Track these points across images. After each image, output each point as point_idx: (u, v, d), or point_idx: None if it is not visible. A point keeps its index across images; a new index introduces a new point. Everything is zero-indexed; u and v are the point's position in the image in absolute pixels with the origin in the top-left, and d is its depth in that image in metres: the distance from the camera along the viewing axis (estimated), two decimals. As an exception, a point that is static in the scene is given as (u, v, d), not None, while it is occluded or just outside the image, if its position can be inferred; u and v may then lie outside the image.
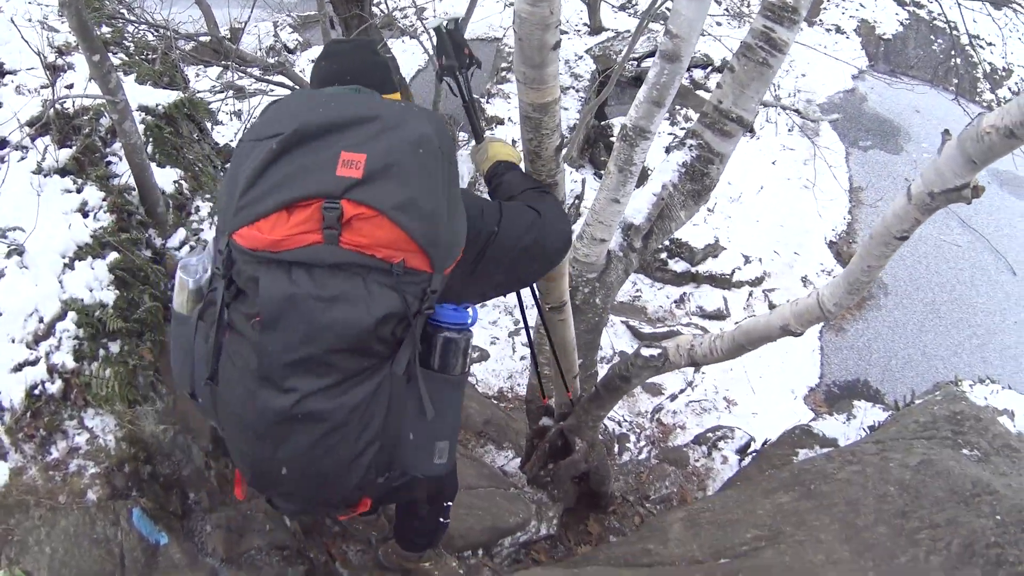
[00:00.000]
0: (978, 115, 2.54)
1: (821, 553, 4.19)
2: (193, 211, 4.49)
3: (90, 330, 3.42)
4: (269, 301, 2.20)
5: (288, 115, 2.31)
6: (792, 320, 3.78)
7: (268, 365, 2.24)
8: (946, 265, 14.47)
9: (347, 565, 4.85)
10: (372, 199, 2.17)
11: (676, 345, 4.40)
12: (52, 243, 3.54)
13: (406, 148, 2.24)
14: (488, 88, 17.14)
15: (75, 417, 3.27)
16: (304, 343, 2.22)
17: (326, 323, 2.21)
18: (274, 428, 2.29)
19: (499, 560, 5.58)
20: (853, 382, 12.32)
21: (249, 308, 2.28)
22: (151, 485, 3.45)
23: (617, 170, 4.15)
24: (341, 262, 2.20)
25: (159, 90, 4.89)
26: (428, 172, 2.27)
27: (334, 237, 2.18)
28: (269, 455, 2.35)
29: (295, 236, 2.19)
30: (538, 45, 2.50)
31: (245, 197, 2.22)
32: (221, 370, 2.39)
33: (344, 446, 2.33)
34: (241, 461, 2.54)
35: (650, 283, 13.56)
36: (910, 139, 17.52)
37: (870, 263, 3.26)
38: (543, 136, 2.93)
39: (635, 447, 9.55)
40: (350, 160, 2.18)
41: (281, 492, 2.55)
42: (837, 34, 21.26)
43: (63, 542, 3.02)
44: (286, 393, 2.24)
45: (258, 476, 2.47)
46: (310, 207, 2.18)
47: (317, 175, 2.18)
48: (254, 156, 2.25)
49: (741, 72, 4.07)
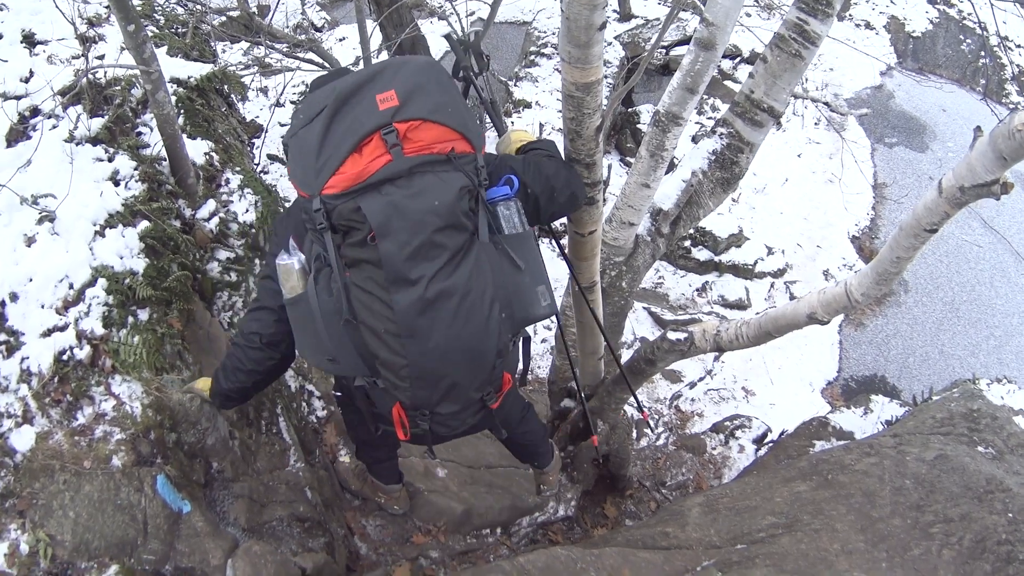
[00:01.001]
0: (1011, 112, 2.54)
1: (837, 542, 4.20)
2: (223, 183, 4.50)
3: (120, 297, 3.43)
4: (376, 214, 2.65)
5: (321, 96, 2.77)
6: (819, 308, 3.78)
7: (393, 267, 2.69)
8: (967, 265, 14.39)
9: (365, 539, 4.89)
10: (414, 113, 2.71)
11: (702, 330, 4.41)
12: (84, 211, 3.56)
13: (421, 72, 2.80)
14: (516, 71, 17.13)
15: (102, 383, 3.28)
16: (414, 234, 2.68)
17: (424, 210, 2.69)
18: (418, 320, 2.75)
19: (516, 539, 5.61)
20: (871, 377, 12.29)
21: (359, 236, 2.71)
22: (175, 453, 3.46)
23: (648, 155, 4.15)
24: (412, 166, 2.71)
25: (191, 63, 4.90)
26: (442, 83, 2.85)
27: (399, 151, 2.70)
28: (423, 349, 2.80)
29: (371, 163, 2.68)
30: (585, 25, 2.52)
31: (320, 158, 2.67)
32: (355, 305, 2.80)
33: (476, 311, 2.83)
34: (402, 382, 2.90)
35: (673, 270, 13.55)
36: (936, 138, 17.42)
37: (899, 254, 3.26)
38: (584, 115, 2.95)
39: (653, 433, 9.55)
40: (384, 98, 2.70)
41: (443, 394, 2.98)
42: (867, 30, 21.10)
43: (87, 507, 3.04)
44: (415, 284, 2.71)
45: (420, 383, 2.90)
46: (372, 140, 2.68)
47: (366, 117, 2.68)
48: (312, 131, 2.71)
49: (774, 63, 4.07)
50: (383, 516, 5.07)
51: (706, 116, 15.94)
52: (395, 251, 2.67)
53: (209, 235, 4.21)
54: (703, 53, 3.65)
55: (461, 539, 5.33)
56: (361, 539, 4.91)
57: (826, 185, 15.24)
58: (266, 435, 4.31)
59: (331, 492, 4.80)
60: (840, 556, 4.11)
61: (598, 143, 3.11)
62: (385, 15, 9.48)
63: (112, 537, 3.07)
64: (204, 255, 4.21)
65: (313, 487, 4.43)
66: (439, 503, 5.25)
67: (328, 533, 4.31)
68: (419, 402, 2.99)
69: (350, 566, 4.59)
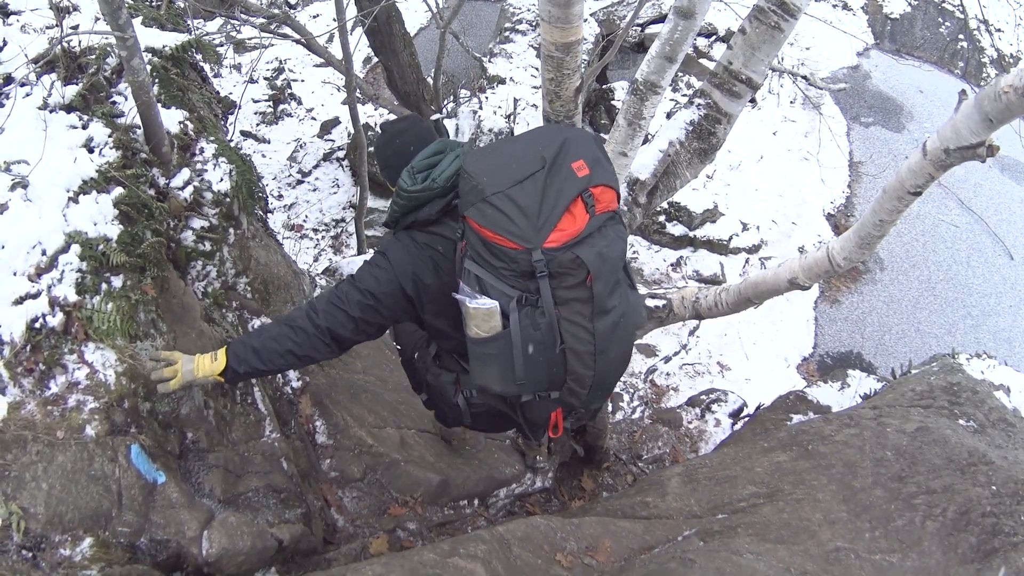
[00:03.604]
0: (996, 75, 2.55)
1: (819, 512, 4.23)
2: (197, 152, 4.46)
3: (93, 263, 3.39)
4: (592, 262, 3.19)
5: (516, 163, 3.26)
6: (801, 273, 3.80)
7: (601, 301, 3.27)
8: (943, 245, 14.51)
9: (342, 511, 4.88)
10: (600, 180, 3.29)
11: (681, 297, 4.41)
12: (57, 177, 3.51)
13: (596, 145, 3.41)
14: (491, 48, 17.12)
15: (75, 351, 3.24)
16: (612, 274, 3.30)
17: (616, 256, 3.33)
18: (611, 338, 3.36)
19: (494, 511, 5.62)
20: (846, 354, 12.38)
21: (572, 280, 3.24)
22: (150, 423, 3.43)
23: (626, 123, 4.15)
24: (603, 222, 3.30)
25: (165, 33, 4.86)
26: (606, 155, 3.46)
27: (594, 211, 3.25)
28: (606, 361, 3.42)
29: (581, 221, 3.22)
30: (566, -17, 2.50)
31: (540, 218, 3.17)
32: (565, 335, 3.33)
33: (630, 326, 3.52)
34: (584, 390, 3.48)
35: (647, 245, 13.60)
36: (912, 118, 17.54)
37: (882, 217, 3.27)
38: (564, 76, 2.97)
39: (628, 407, 9.58)
40: (578, 166, 3.25)
41: (603, 392, 3.67)
42: (844, 11, 21.20)
43: (60, 478, 3.00)
44: (610, 312, 3.33)
45: (596, 389, 3.51)
46: (577, 202, 3.23)
47: (570, 184, 3.23)
48: (528, 191, 3.19)
49: (753, 34, 4.07)
50: (359, 488, 5.06)
51: (681, 94, 16.00)
52: (602, 289, 3.25)
53: (183, 203, 4.18)
54: (682, 22, 3.65)
55: (438, 510, 5.33)
56: (338, 511, 4.90)
57: (801, 163, 15.36)
58: (241, 405, 4.29)
59: (307, 463, 4.78)
60: (823, 526, 4.13)
61: (577, 104, 3.13)
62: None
63: (86, 509, 3.03)
64: (178, 224, 4.17)
65: (289, 458, 4.41)
66: (415, 474, 5.24)
67: (305, 504, 4.30)
68: (585, 403, 3.61)
69: (327, 538, 4.58)
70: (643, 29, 16.96)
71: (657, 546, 4.23)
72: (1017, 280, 14.11)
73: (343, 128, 14.90)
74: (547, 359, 3.37)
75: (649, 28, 17.28)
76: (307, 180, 14.12)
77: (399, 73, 11.67)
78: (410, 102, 12.03)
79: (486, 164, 3.31)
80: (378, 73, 15.33)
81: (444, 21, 10.66)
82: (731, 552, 3.82)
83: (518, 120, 14.34)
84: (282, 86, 16.20)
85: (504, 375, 3.42)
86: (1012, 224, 15.26)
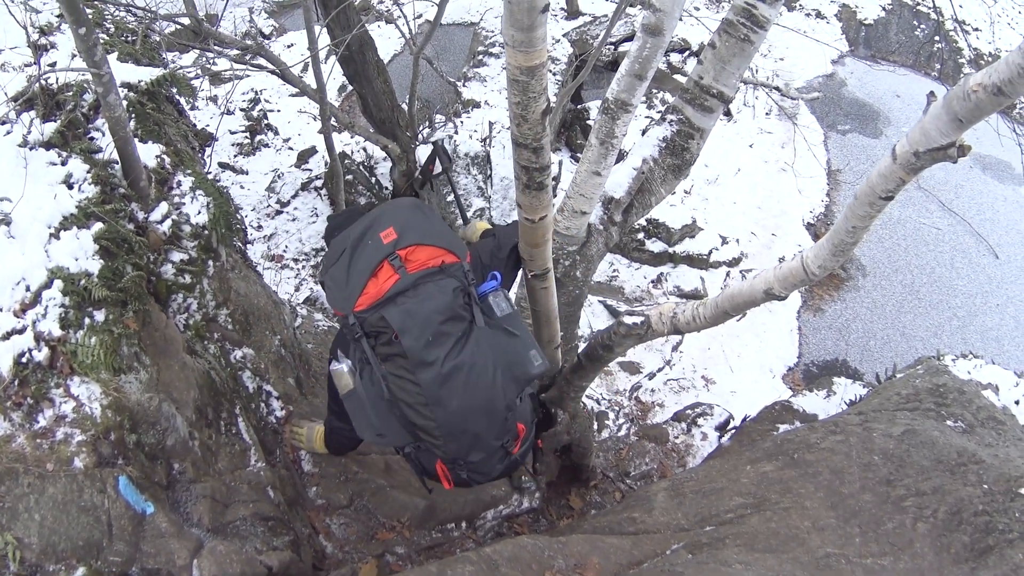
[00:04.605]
0: (965, 75, 2.58)
1: (807, 519, 4.25)
2: (175, 185, 4.49)
3: (76, 298, 3.42)
4: (396, 319, 3.45)
5: (337, 245, 3.72)
6: (776, 284, 3.82)
7: (415, 355, 3.45)
8: (926, 248, 14.57)
9: (330, 538, 4.90)
10: (409, 242, 3.58)
11: (659, 313, 4.44)
12: (39, 213, 3.54)
13: (409, 210, 3.77)
14: (464, 72, 17.16)
15: (61, 385, 3.27)
16: (425, 328, 3.45)
17: (430, 310, 3.48)
18: (439, 391, 3.48)
19: (482, 533, 5.63)
20: (832, 362, 12.42)
21: (386, 338, 3.51)
22: (136, 454, 3.45)
23: (599, 143, 4.19)
24: (416, 279, 3.53)
25: (140, 68, 4.89)
26: (426, 215, 3.80)
27: (404, 270, 3.53)
28: (447, 412, 3.53)
29: (385, 283, 3.52)
30: (527, 7, 2.53)
31: (348, 287, 3.57)
32: (392, 387, 3.57)
33: (483, 377, 3.56)
34: (438, 440, 3.65)
35: (627, 263, 13.63)
36: (890, 123, 17.62)
37: (855, 223, 3.28)
38: (530, 99, 2.96)
39: (614, 424, 9.60)
40: (386, 234, 3.60)
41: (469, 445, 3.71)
42: (817, 19, 21.30)
43: (51, 509, 3.03)
44: (432, 364, 3.46)
45: (450, 439, 3.63)
46: (383, 266, 3.55)
47: (376, 251, 3.57)
48: (339, 268, 3.64)
49: (723, 48, 4.13)
50: (346, 514, 5.08)
51: (655, 111, 16.02)
52: (413, 343, 3.44)
53: (162, 237, 4.21)
54: (650, 39, 3.70)
55: (426, 534, 5.35)
56: (326, 538, 4.92)
57: (779, 174, 15.41)
58: (225, 436, 4.31)
59: (293, 491, 4.80)
60: (812, 533, 4.16)
61: (544, 127, 3.14)
62: (331, 16, 9.47)
63: (78, 539, 3.06)
64: (158, 258, 4.20)
65: (275, 487, 4.43)
66: (401, 499, 5.27)
67: (292, 532, 4.32)
68: (453, 454, 3.73)
69: (316, 565, 4.60)
70: (616, 48, 17.04)
71: (645, 561, 4.25)
72: (1003, 279, 14.17)
73: (320, 157, 14.90)
74: (392, 411, 3.67)
75: (622, 46, 17.32)
76: (286, 210, 14.11)
77: (373, 100, 11.69)
78: (385, 129, 12.06)
79: (331, 248, 3.83)
80: (353, 101, 15.35)
81: (417, 47, 10.70)
82: (719, 563, 3.86)
83: (494, 143, 14.37)
84: (258, 117, 16.19)
85: (364, 425, 3.75)
86: (996, 223, 15.34)
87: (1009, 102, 2.48)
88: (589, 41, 17.02)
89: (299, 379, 5.67)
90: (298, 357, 5.83)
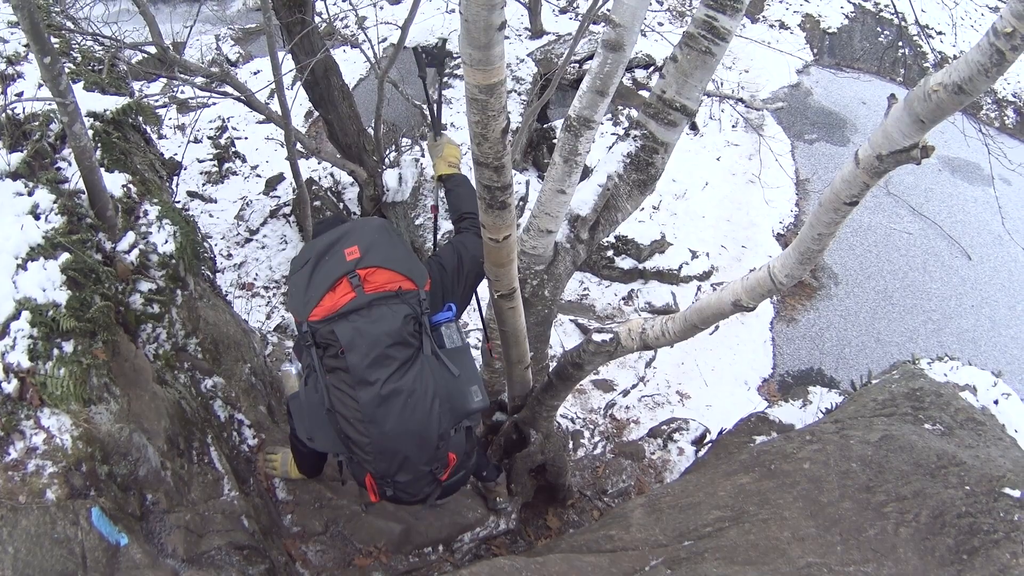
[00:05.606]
0: (925, 76, 2.60)
1: (787, 530, 4.24)
2: (142, 215, 4.49)
3: (44, 329, 3.40)
4: (345, 336, 3.57)
5: (306, 251, 3.84)
6: (744, 294, 3.82)
7: (357, 372, 3.57)
8: (897, 253, 14.64)
9: (307, 565, 4.87)
10: (371, 262, 3.67)
11: (628, 329, 4.44)
12: (6, 244, 3.53)
13: (377, 232, 3.83)
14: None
15: (31, 417, 3.25)
16: (371, 348, 3.57)
17: (379, 332, 3.58)
18: (376, 410, 3.60)
19: (460, 555, 5.62)
20: (807, 371, 12.45)
21: (334, 351, 3.62)
22: (108, 485, 3.43)
23: (562, 160, 4.20)
24: (371, 300, 3.63)
25: (106, 96, 4.88)
26: (392, 240, 3.86)
27: (361, 290, 3.63)
28: (380, 431, 3.65)
29: (341, 299, 3.63)
30: (484, 26, 2.54)
31: (307, 295, 3.66)
32: (333, 399, 3.68)
33: (420, 405, 3.67)
34: (368, 456, 3.78)
35: (597, 281, 13.64)
36: (857, 131, 17.75)
37: (820, 231, 3.27)
38: (489, 118, 2.96)
39: (589, 443, 9.59)
40: (350, 251, 3.68)
41: (398, 466, 3.80)
42: (781, 30, 21.42)
43: (25, 542, 3.00)
44: (373, 384, 3.57)
45: (380, 457, 3.75)
46: (342, 282, 3.65)
47: (338, 266, 3.67)
48: (302, 275, 3.73)
49: (684, 61, 4.14)
50: (322, 541, 5.06)
51: (622, 127, 16.04)
52: (357, 361, 3.56)
53: (130, 267, 4.20)
54: (611, 55, 3.72)
55: (403, 559, 5.34)
56: (303, 565, 4.90)
57: (747, 186, 15.46)
58: (198, 465, 4.29)
59: (268, 520, 4.78)
60: (792, 543, 4.15)
61: (505, 145, 3.14)
62: (295, 42, 9.47)
63: (52, 571, 3.03)
64: (126, 288, 4.19)
65: (249, 515, 4.41)
66: (377, 524, 5.26)
67: (268, 560, 4.29)
68: (381, 472, 3.83)
69: (293, 593, 4.59)
70: (581, 65, 17.06)
71: (624, 577, 4.24)
72: (977, 280, 14.22)
73: (288, 184, 14.89)
74: (331, 421, 3.78)
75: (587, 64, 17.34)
76: (255, 238, 14.08)
77: (339, 125, 11.69)
78: (351, 154, 12.06)
79: (301, 253, 3.97)
80: (319, 127, 15.34)
81: (382, 70, 10.71)
82: (698, 577, 3.86)
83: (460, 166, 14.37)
84: (226, 144, 16.16)
85: (301, 427, 3.92)
86: (967, 225, 15.41)
87: (970, 100, 2.49)
88: (554, 60, 17.06)
89: (271, 407, 5.65)
90: (269, 385, 5.80)
